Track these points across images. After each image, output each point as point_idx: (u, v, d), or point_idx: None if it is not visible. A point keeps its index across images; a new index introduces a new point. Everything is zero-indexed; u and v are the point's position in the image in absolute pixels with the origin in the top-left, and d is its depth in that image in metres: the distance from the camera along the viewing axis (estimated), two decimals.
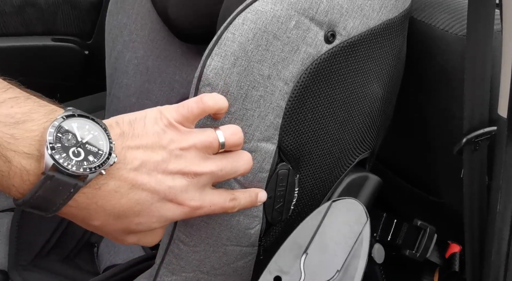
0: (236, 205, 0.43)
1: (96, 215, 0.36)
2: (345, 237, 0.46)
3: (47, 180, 0.32)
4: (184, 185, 0.39)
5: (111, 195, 0.35)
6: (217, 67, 0.43)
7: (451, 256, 0.71)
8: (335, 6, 0.46)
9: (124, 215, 0.37)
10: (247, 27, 0.43)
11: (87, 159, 0.34)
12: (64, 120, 0.34)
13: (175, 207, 0.39)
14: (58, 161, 0.32)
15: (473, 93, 0.52)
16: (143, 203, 0.37)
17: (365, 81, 0.52)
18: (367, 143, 0.57)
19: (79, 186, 0.33)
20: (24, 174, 0.32)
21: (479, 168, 0.54)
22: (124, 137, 0.37)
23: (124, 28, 0.76)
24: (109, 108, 0.81)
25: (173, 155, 0.38)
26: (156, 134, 0.38)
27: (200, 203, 0.40)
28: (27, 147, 0.32)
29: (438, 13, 0.60)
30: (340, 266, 0.45)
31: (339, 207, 0.48)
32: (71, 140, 0.34)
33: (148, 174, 0.37)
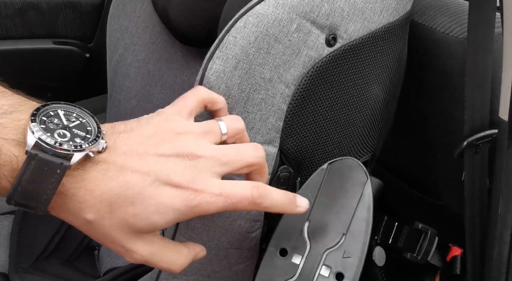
0: (264, 195, 0.36)
1: (87, 204, 0.33)
2: (346, 198, 0.44)
3: (31, 160, 0.31)
4: (179, 166, 0.35)
5: (99, 178, 0.33)
6: (219, 70, 0.43)
7: (452, 259, 0.71)
8: (337, 9, 0.46)
9: (117, 203, 0.33)
10: (249, 30, 0.43)
11: (73, 140, 0.33)
12: (49, 105, 0.34)
13: (172, 190, 0.34)
14: (41, 137, 0.31)
15: (474, 96, 0.52)
16: (134, 186, 0.33)
17: (366, 84, 0.52)
18: (368, 145, 0.57)
19: (65, 166, 0.31)
20: (13, 161, 0.32)
21: (480, 171, 0.54)
22: (115, 128, 0.36)
23: (125, 31, 0.76)
24: (110, 111, 0.81)
25: (167, 139, 0.36)
26: (151, 124, 0.36)
27: (202, 186, 0.35)
28: (15, 135, 0.32)
29: (438, 16, 0.60)
30: (345, 229, 0.42)
31: (337, 168, 0.45)
32: (57, 123, 0.33)
33: (139, 156, 0.34)
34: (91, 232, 0.35)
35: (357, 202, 0.43)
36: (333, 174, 0.45)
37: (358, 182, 0.44)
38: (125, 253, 0.35)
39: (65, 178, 0.32)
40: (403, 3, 0.53)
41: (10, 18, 1.03)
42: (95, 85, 1.08)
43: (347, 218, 0.43)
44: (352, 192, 0.44)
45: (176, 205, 0.34)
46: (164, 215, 0.34)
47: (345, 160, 0.46)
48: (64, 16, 1.08)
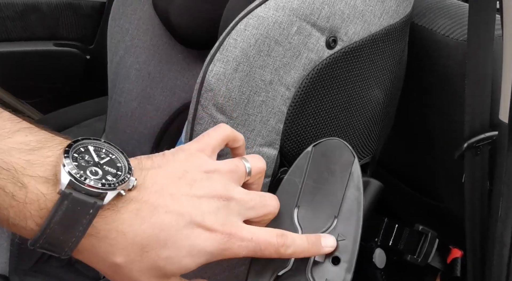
0: (288, 243, 0.36)
1: (117, 246, 0.32)
2: (335, 180, 0.42)
3: (64, 200, 0.30)
4: (212, 207, 0.34)
5: (131, 219, 0.32)
6: (219, 73, 0.43)
7: (453, 261, 0.71)
8: (337, 12, 0.46)
9: (149, 246, 0.32)
10: (249, 33, 0.43)
11: (105, 177, 0.31)
12: (80, 141, 0.33)
13: (206, 233, 0.33)
14: (75, 176, 0.30)
15: (474, 98, 0.52)
16: (168, 228, 0.32)
17: (366, 86, 0.52)
18: (369, 147, 0.57)
19: (99, 205, 0.30)
20: (41, 199, 0.30)
21: (480, 173, 0.54)
22: (143, 165, 0.34)
23: (126, 33, 0.76)
24: (111, 113, 0.81)
25: (198, 178, 0.35)
26: (177, 161, 0.35)
27: (235, 230, 0.34)
28: (43, 172, 0.30)
29: (439, 18, 0.61)
30: (336, 212, 0.40)
31: (322, 150, 0.44)
32: (88, 160, 0.32)
33: (171, 196, 0.33)
34: (116, 276, 0.33)
35: (346, 182, 0.42)
36: (319, 156, 0.43)
37: (345, 161, 0.42)
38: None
39: (96, 218, 0.31)
40: (403, 5, 0.53)
41: (11, 20, 1.03)
42: (95, 87, 1.08)
43: (337, 200, 0.41)
44: (340, 173, 0.42)
45: (208, 248, 0.34)
46: (195, 258, 0.33)
47: (330, 141, 0.44)
48: (65, 18, 1.08)
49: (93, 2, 1.10)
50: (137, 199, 0.32)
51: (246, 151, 0.46)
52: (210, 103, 0.44)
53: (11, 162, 0.30)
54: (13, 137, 0.31)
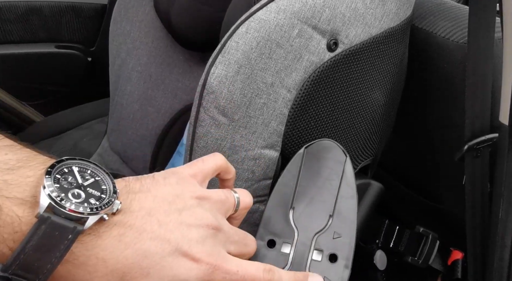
0: (275, 279, 0.35)
1: (97, 274, 0.29)
2: (328, 180, 0.42)
3: (41, 224, 0.28)
4: (200, 236, 0.32)
5: (113, 245, 0.30)
6: (221, 75, 0.43)
7: (454, 263, 0.71)
8: (338, 14, 0.46)
9: (130, 274, 0.30)
10: (251, 36, 0.44)
11: (88, 201, 0.29)
12: (64, 161, 0.31)
13: (190, 263, 0.31)
14: (55, 199, 0.28)
15: (474, 100, 0.53)
16: (152, 255, 0.30)
17: (367, 88, 0.52)
18: (369, 149, 0.58)
19: (78, 230, 0.28)
20: (16, 222, 0.28)
21: (481, 175, 0.54)
22: (130, 187, 0.33)
23: (128, 36, 0.77)
24: (112, 115, 0.81)
25: (188, 205, 0.33)
26: (168, 185, 0.34)
27: (220, 261, 0.33)
28: (21, 193, 0.29)
29: (439, 21, 0.61)
30: (331, 211, 0.41)
31: (314, 151, 0.44)
32: (71, 182, 0.30)
33: (158, 221, 0.31)
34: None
35: (340, 181, 0.42)
36: (311, 157, 0.44)
37: (337, 161, 0.43)
38: None
39: (75, 244, 0.29)
40: (403, 8, 0.53)
41: (13, 22, 1.03)
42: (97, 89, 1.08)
43: (332, 199, 0.42)
44: (333, 172, 0.43)
45: (192, 279, 0.32)
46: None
47: (321, 142, 0.45)
48: (67, 21, 1.09)
49: (95, 4, 1.10)
50: (121, 223, 0.31)
51: (248, 153, 0.46)
52: (212, 106, 0.44)
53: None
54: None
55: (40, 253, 0.28)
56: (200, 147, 0.45)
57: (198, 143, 0.45)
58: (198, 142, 0.45)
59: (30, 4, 1.04)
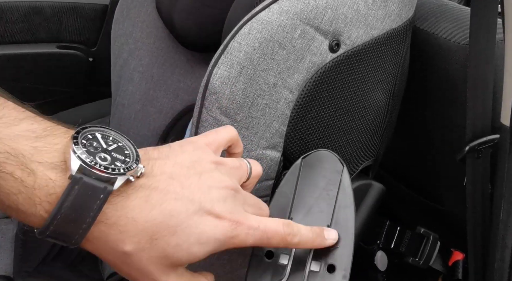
0: (294, 232, 0.36)
1: (127, 234, 0.31)
2: (325, 189, 0.42)
3: (75, 184, 0.29)
4: (222, 196, 0.34)
5: (141, 205, 0.32)
6: (223, 76, 0.44)
7: (454, 263, 0.71)
8: (340, 16, 0.46)
9: (159, 233, 0.32)
10: (253, 37, 0.44)
11: (114, 163, 0.31)
12: (87, 128, 0.33)
13: (215, 220, 0.33)
14: (85, 161, 0.30)
15: (476, 102, 0.53)
16: (178, 214, 0.32)
17: (369, 89, 0.52)
18: (371, 150, 0.58)
19: (109, 190, 0.30)
20: (50, 185, 0.30)
21: (482, 176, 0.54)
22: (149, 155, 0.34)
23: (130, 36, 0.77)
24: (114, 115, 0.82)
25: (206, 168, 0.35)
26: (185, 152, 0.36)
27: (242, 218, 0.34)
28: (51, 158, 0.30)
29: (440, 22, 0.61)
30: (329, 221, 0.41)
31: (311, 161, 0.44)
32: (96, 147, 0.32)
33: (181, 183, 0.33)
34: (124, 266, 0.33)
35: (337, 191, 0.42)
36: (308, 168, 0.44)
37: (334, 171, 0.43)
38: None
39: (106, 204, 0.30)
40: (405, 9, 0.53)
41: (15, 23, 1.03)
42: (98, 89, 1.08)
43: (329, 209, 0.41)
44: (330, 182, 0.43)
45: (217, 235, 0.33)
46: (204, 245, 0.33)
47: (318, 152, 0.45)
48: (68, 21, 1.09)
49: (96, 5, 1.10)
50: (146, 186, 0.32)
51: (250, 154, 0.46)
52: (214, 106, 0.44)
53: (18, 148, 0.30)
54: (19, 125, 0.31)
55: (75, 213, 0.29)
56: None
57: None
58: None
59: (31, 4, 1.04)
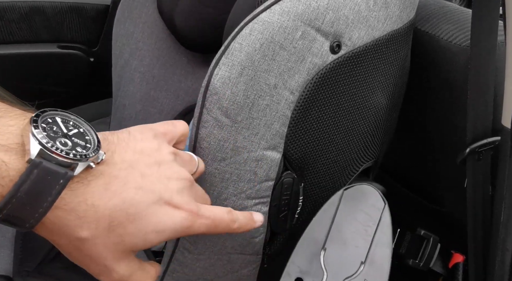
0: (235, 218, 0.39)
1: (86, 219, 0.31)
2: (364, 225, 0.42)
3: (34, 168, 0.28)
4: (179, 187, 0.35)
5: (101, 192, 0.31)
6: (224, 77, 0.44)
7: (455, 266, 0.71)
8: (341, 17, 0.46)
9: (117, 220, 0.32)
10: (254, 38, 0.44)
11: (75, 149, 0.30)
12: (47, 112, 0.32)
13: (173, 210, 0.34)
14: (46, 145, 0.29)
15: (477, 104, 0.53)
16: (138, 203, 0.33)
17: (370, 91, 0.52)
18: (371, 152, 0.58)
19: (69, 176, 0.29)
20: (3, 168, 0.28)
21: (483, 178, 0.54)
22: (108, 141, 0.34)
23: (131, 37, 0.77)
24: (115, 116, 0.82)
25: (166, 159, 0.36)
26: (145, 140, 0.36)
27: (197, 209, 0.36)
28: (5, 140, 0.29)
29: (442, 23, 0.61)
30: (364, 257, 0.41)
31: (353, 194, 0.44)
32: (56, 131, 0.31)
33: (141, 173, 0.34)
34: (76, 252, 0.33)
35: (376, 228, 0.42)
36: (349, 200, 0.44)
37: (375, 207, 0.43)
38: (105, 272, 0.34)
39: (65, 190, 0.30)
40: (406, 11, 0.53)
41: (16, 22, 1.04)
42: (99, 89, 1.08)
43: (366, 245, 0.41)
44: (369, 218, 0.43)
45: (174, 225, 0.34)
46: (160, 233, 0.34)
47: (361, 186, 0.45)
48: (69, 21, 1.09)
49: (98, 5, 1.10)
50: (106, 173, 0.32)
51: (250, 154, 0.46)
52: (215, 107, 0.44)
53: None
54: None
55: (32, 198, 0.29)
56: (202, 148, 0.45)
57: (201, 144, 0.45)
58: (201, 143, 0.45)
59: (32, 4, 1.04)
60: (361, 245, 0.41)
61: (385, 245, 0.41)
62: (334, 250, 0.42)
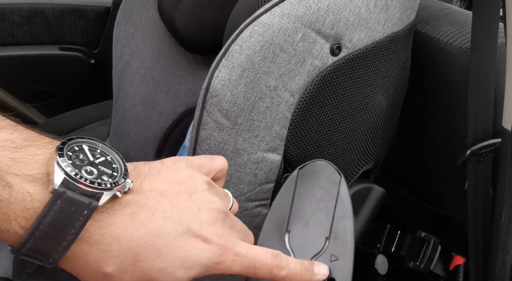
0: (283, 265, 0.35)
1: (110, 253, 0.29)
2: (323, 201, 0.42)
3: (57, 199, 0.27)
4: (211, 218, 0.33)
5: (127, 223, 0.30)
6: (225, 79, 0.44)
7: (455, 268, 0.71)
8: (341, 19, 0.46)
9: (144, 254, 0.30)
10: (255, 40, 0.44)
11: (101, 177, 0.29)
12: (74, 139, 0.31)
13: (202, 244, 0.32)
14: (70, 174, 0.28)
15: (477, 106, 0.53)
16: (165, 235, 0.31)
17: (370, 93, 0.52)
18: (372, 154, 0.58)
19: (94, 206, 0.28)
20: (27, 199, 0.28)
21: (483, 180, 0.54)
22: (139, 170, 0.33)
23: (132, 39, 0.77)
24: (115, 117, 0.82)
25: (199, 188, 0.34)
26: (178, 169, 0.34)
27: (231, 243, 0.33)
28: (30, 170, 0.28)
29: (442, 26, 0.61)
30: (328, 233, 0.40)
31: (308, 172, 0.43)
32: (82, 159, 0.30)
33: (170, 201, 0.32)
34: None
35: (335, 202, 0.41)
36: (305, 179, 0.43)
37: (331, 182, 0.42)
38: None
39: (89, 221, 0.28)
40: (407, 13, 0.53)
41: (17, 24, 1.04)
42: (99, 91, 1.08)
43: (328, 221, 0.41)
44: (328, 193, 0.42)
45: (203, 260, 0.32)
46: (189, 269, 0.32)
47: (315, 163, 0.44)
48: (70, 23, 1.09)
49: (98, 7, 1.11)
50: (133, 203, 0.31)
51: (250, 157, 0.46)
52: (215, 109, 0.44)
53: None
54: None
55: (55, 230, 0.27)
56: (203, 150, 0.45)
57: (201, 146, 0.45)
58: (201, 145, 0.45)
59: (34, 6, 1.04)
60: (323, 221, 0.41)
61: (346, 218, 0.40)
62: (297, 230, 0.41)
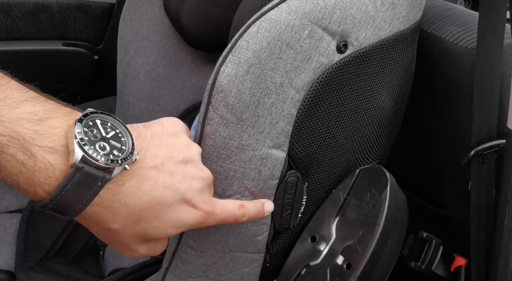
0: (245, 213, 0.44)
1: (118, 215, 0.36)
2: (371, 199, 0.49)
3: (76, 172, 0.32)
4: (200, 187, 0.40)
5: (134, 192, 0.36)
6: (231, 74, 0.44)
7: (457, 269, 0.71)
8: (348, 16, 0.46)
9: (144, 216, 0.37)
10: (261, 36, 0.44)
11: (112, 153, 0.34)
12: (89, 115, 0.35)
13: (191, 209, 0.39)
14: (88, 152, 0.33)
15: (482, 106, 0.52)
16: (164, 201, 0.37)
17: (375, 91, 0.52)
18: (375, 152, 0.58)
19: (107, 179, 0.33)
20: (49, 169, 0.32)
21: (487, 181, 0.54)
22: (142, 138, 0.37)
23: (137, 34, 0.77)
24: (119, 113, 0.82)
25: (194, 157, 0.40)
26: (176, 134, 0.40)
27: (212, 207, 0.40)
28: (51, 142, 0.33)
29: (448, 25, 0.61)
30: (364, 228, 0.48)
31: (367, 173, 0.52)
32: (96, 135, 0.34)
33: (170, 173, 0.38)
34: (107, 238, 0.38)
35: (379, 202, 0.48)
36: (363, 178, 0.52)
37: (381, 185, 0.50)
38: (128, 252, 0.39)
39: (102, 190, 0.34)
40: (413, 12, 0.53)
41: (21, 19, 1.04)
42: (103, 87, 1.09)
43: (366, 217, 0.48)
44: (375, 194, 0.49)
45: (190, 222, 0.39)
46: (178, 228, 0.39)
47: (373, 166, 0.53)
48: (74, 18, 1.09)
49: (103, 3, 1.11)
50: (139, 173, 0.36)
51: (255, 153, 0.46)
52: (221, 104, 0.44)
53: (20, 131, 0.32)
54: (21, 107, 0.32)
55: (74, 196, 0.33)
56: (207, 145, 0.45)
57: (206, 141, 0.45)
58: (206, 140, 0.45)
59: (38, 1, 1.04)
60: (365, 216, 0.49)
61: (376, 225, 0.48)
62: (344, 218, 0.50)
